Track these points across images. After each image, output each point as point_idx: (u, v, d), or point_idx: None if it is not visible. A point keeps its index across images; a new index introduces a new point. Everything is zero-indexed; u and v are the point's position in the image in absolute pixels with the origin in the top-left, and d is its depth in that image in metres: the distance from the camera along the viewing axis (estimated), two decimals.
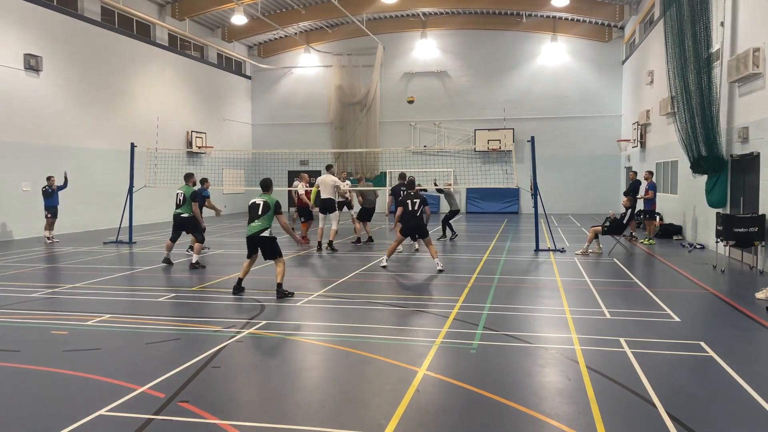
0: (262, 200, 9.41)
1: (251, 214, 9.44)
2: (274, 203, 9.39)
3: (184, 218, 12.38)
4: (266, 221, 9.31)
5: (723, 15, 13.64)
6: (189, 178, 12.96)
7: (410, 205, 11.96)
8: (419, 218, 12.00)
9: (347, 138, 31.52)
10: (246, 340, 6.79)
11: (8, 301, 8.93)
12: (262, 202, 9.38)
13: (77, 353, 6.37)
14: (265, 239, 9.33)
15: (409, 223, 11.98)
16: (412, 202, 11.99)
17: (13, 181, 18.09)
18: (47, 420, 4.60)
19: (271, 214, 9.32)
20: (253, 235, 9.33)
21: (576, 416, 4.61)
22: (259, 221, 9.29)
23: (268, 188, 9.76)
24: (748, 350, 6.50)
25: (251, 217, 9.43)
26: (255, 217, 9.35)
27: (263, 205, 9.35)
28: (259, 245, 9.36)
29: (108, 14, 22.55)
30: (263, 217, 9.30)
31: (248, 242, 9.43)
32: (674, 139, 15.58)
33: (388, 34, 30.60)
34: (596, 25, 28.80)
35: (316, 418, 4.66)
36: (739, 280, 10.64)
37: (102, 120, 21.90)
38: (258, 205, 9.39)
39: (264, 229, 9.27)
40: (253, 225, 9.34)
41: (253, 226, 9.33)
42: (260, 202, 9.40)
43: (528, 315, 8.02)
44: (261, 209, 9.34)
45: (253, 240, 9.35)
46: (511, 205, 29.81)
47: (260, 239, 9.29)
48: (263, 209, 9.33)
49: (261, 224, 9.27)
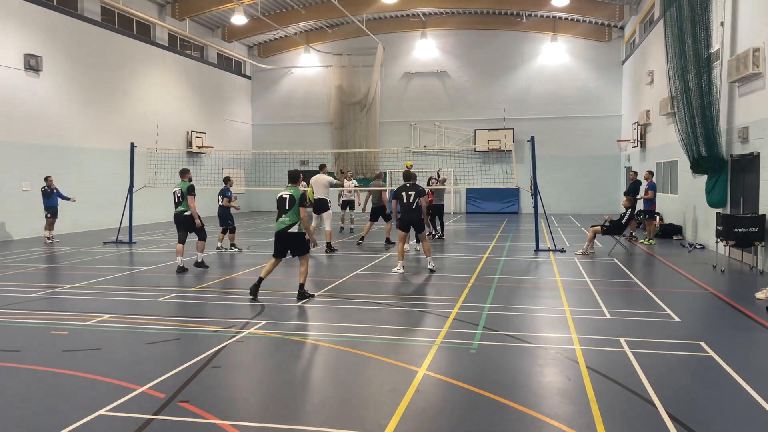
0: (288, 193, 8.97)
1: (279, 209, 9.04)
2: (300, 195, 8.94)
3: (187, 216, 11.85)
4: (294, 216, 8.91)
5: (723, 15, 13.64)
6: (185, 173, 12.39)
7: (405, 198, 11.50)
8: (415, 211, 11.51)
9: (347, 138, 31.53)
10: (246, 340, 6.79)
11: (8, 301, 8.93)
12: (288, 195, 8.93)
13: (77, 353, 6.37)
14: (294, 235, 8.95)
15: (404, 216, 11.56)
16: (407, 194, 11.50)
17: (13, 181, 18.10)
18: (47, 420, 4.60)
19: (297, 207, 8.90)
20: (281, 231, 8.97)
21: (576, 416, 4.61)
22: (287, 216, 8.90)
23: (295, 180, 9.32)
24: (748, 350, 6.50)
25: (279, 211, 9.03)
26: (283, 211, 8.96)
27: (290, 199, 8.90)
28: (287, 242, 8.98)
29: (108, 14, 22.55)
30: (291, 212, 8.90)
31: (276, 239, 9.07)
32: (674, 139, 15.58)
33: (388, 34, 30.61)
34: (596, 25, 28.80)
35: (316, 418, 4.66)
36: (739, 280, 10.64)
37: (102, 120, 21.90)
38: (285, 199, 8.95)
39: (293, 224, 8.90)
40: (282, 220, 8.97)
41: (282, 222, 8.96)
42: (287, 195, 8.95)
43: (528, 315, 8.02)
44: (288, 203, 8.91)
45: (281, 236, 8.99)
46: (511, 205, 29.81)
47: (289, 235, 8.93)
48: (290, 203, 8.90)
49: (289, 219, 8.89)
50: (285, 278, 11.27)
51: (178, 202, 11.91)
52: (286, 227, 8.90)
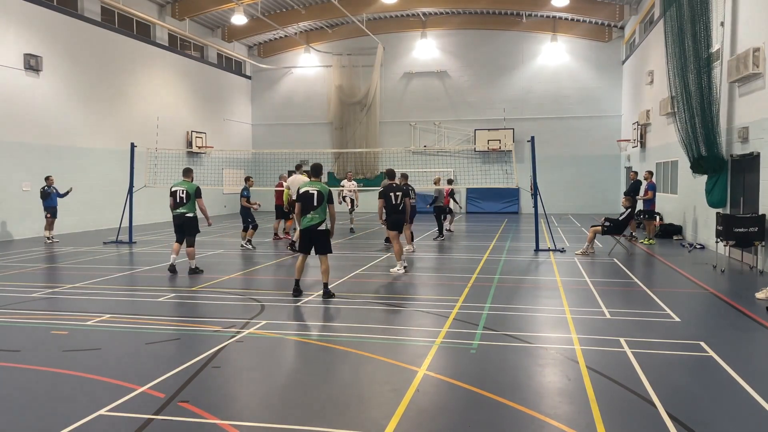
0: (315, 189, 8.68)
1: (305, 205, 8.74)
2: (328, 193, 8.73)
3: (190, 218, 11.24)
4: (322, 213, 8.73)
5: (723, 15, 13.64)
6: (189, 173, 11.75)
7: (393, 198, 11.77)
8: (401, 212, 11.83)
9: (347, 138, 31.53)
10: (246, 340, 6.79)
11: (8, 301, 8.93)
12: (315, 192, 8.65)
13: (77, 353, 6.37)
14: (322, 233, 8.77)
15: (393, 217, 11.82)
16: (395, 195, 11.80)
17: (13, 181, 18.10)
18: (47, 420, 4.60)
19: (325, 205, 8.69)
20: (310, 228, 8.74)
21: (576, 416, 4.61)
22: (317, 213, 8.68)
23: (319, 174, 9.05)
24: (748, 350, 6.50)
25: (305, 208, 8.74)
26: (311, 207, 8.68)
27: (318, 195, 8.64)
28: (314, 239, 8.78)
29: (108, 14, 22.55)
30: (320, 208, 8.68)
31: (303, 235, 8.87)
32: (674, 139, 15.58)
33: (388, 34, 30.61)
34: (596, 25, 28.80)
35: (316, 418, 4.66)
36: (739, 280, 10.64)
37: (102, 120, 21.90)
38: (312, 195, 8.67)
39: (321, 222, 8.70)
40: (309, 217, 8.71)
41: (309, 219, 8.71)
42: (314, 191, 8.66)
43: (528, 315, 8.02)
44: (317, 199, 8.65)
45: (309, 233, 8.77)
46: (511, 205, 29.82)
47: (317, 233, 8.72)
48: (318, 199, 8.64)
49: (318, 216, 8.69)
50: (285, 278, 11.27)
51: (181, 202, 11.24)
52: (316, 224, 8.72)
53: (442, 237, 17.37)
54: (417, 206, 17.69)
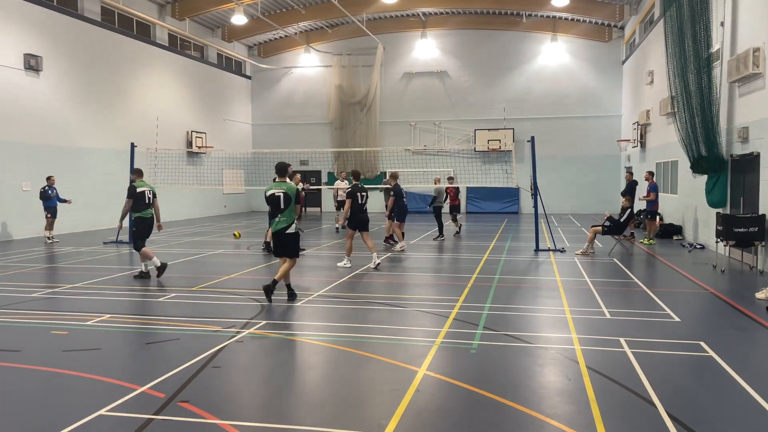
0: (281, 191, 8.59)
1: (273, 208, 8.71)
2: (294, 192, 8.62)
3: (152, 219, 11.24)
4: (290, 215, 8.64)
5: (723, 15, 13.64)
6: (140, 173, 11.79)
7: (359, 198, 12.18)
8: (364, 212, 12.36)
9: (347, 138, 31.53)
10: (246, 340, 6.79)
11: (8, 301, 8.93)
12: (282, 194, 8.57)
13: (77, 353, 6.37)
14: (290, 236, 8.67)
15: (355, 216, 12.24)
16: (361, 195, 12.22)
17: (13, 181, 18.09)
18: (47, 420, 4.60)
19: (293, 206, 8.61)
20: (279, 232, 8.68)
21: (576, 416, 4.61)
22: (284, 216, 8.62)
23: (284, 173, 8.88)
24: (748, 350, 6.50)
25: (274, 210, 8.72)
26: (278, 210, 8.63)
27: (284, 197, 8.56)
28: (283, 242, 8.72)
29: (108, 14, 22.55)
30: (287, 211, 8.60)
31: (274, 239, 8.83)
32: (674, 139, 15.58)
33: (388, 34, 30.60)
34: (596, 25, 28.80)
35: (316, 418, 4.66)
36: (739, 280, 10.64)
37: (102, 120, 21.90)
38: (278, 197, 8.57)
39: (289, 225, 8.63)
40: (278, 221, 8.67)
41: (279, 222, 8.67)
42: (280, 193, 8.57)
43: (528, 315, 8.02)
44: (283, 201, 8.56)
45: (279, 237, 8.71)
46: (511, 205, 29.82)
47: (286, 236, 8.66)
48: (285, 201, 8.56)
49: (286, 219, 8.62)
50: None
51: (149, 204, 11.19)
52: (284, 228, 8.66)
53: (442, 237, 17.29)
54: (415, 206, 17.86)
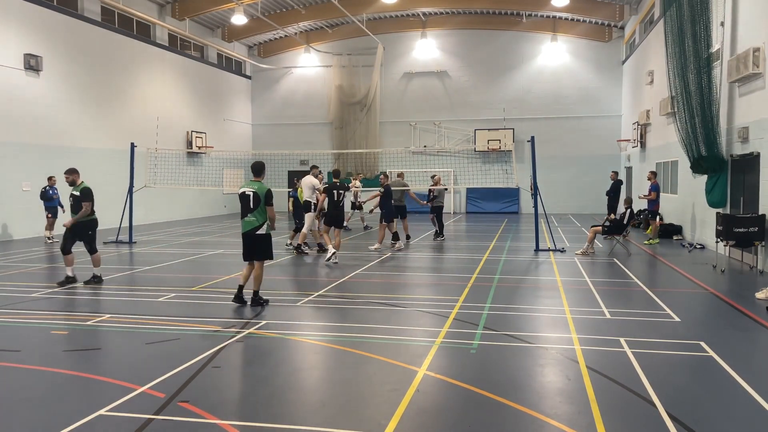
0: (251, 190, 8.26)
1: (243, 207, 8.38)
2: (265, 193, 8.25)
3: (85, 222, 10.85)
4: (260, 215, 8.29)
5: (723, 15, 13.63)
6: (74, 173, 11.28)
7: (335, 196, 12.64)
8: (340, 209, 12.75)
9: (347, 138, 31.53)
10: (246, 340, 6.79)
11: (8, 301, 8.93)
12: (252, 193, 8.24)
13: (77, 353, 6.37)
14: (260, 237, 8.34)
15: (332, 213, 12.68)
16: (338, 193, 12.66)
17: (13, 181, 18.09)
18: (47, 420, 4.60)
19: (263, 205, 8.25)
20: (248, 233, 8.39)
21: (576, 416, 4.61)
22: (253, 216, 8.28)
23: (260, 173, 8.51)
24: (748, 350, 6.50)
25: (243, 210, 8.37)
26: (247, 210, 8.30)
27: (254, 196, 8.22)
28: (253, 244, 8.40)
29: (108, 14, 22.54)
30: (256, 211, 8.26)
31: (244, 240, 8.51)
32: (674, 139, 15.58)
33: (388, 34, 30.59)
34: (596, 25, 28.80)
35: (316, 418, 4.66)
36: (739, 280, 10.64)
37: (102, 120, 21.90)
38: (248, 196, 8.24)
39: (260, 226, 8.30)
40: (247, 220, 8.35)
41: (247, 222, 8.35)
42: (250, 192, 8.25)
43: (528, 315, 8.02)
44: (252, 201, 8.23)
45: (248, 238, 8.41)
46: (511, 205, 29.81)
47: (256, 237, 8.34)
48: (255, 201, 8.22)
49: (255, 219, 8.28)
50: (285, 278, 11.28)
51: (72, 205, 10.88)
52: (252, 228, 8.30)
53: (442, 237, 17.29)
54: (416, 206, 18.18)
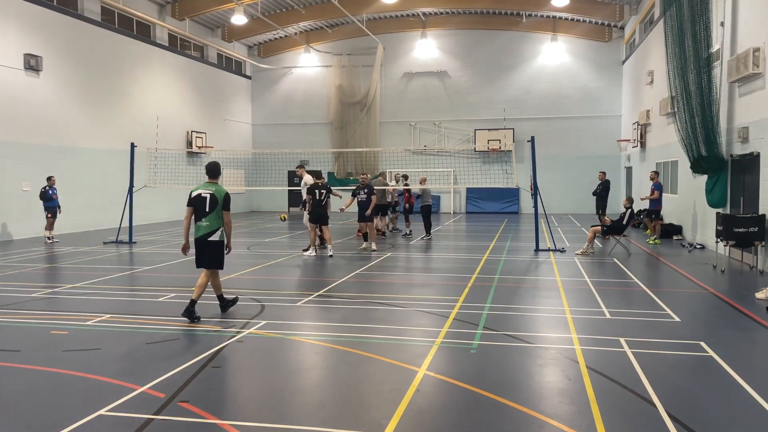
0: (208, 192, 7.74)
1: (197, 210, 7.75)
2: (223, 196, 7.73)
3: None
4: (216, 220, 7.74)
5: (723, 15, 13.63)
6: None
7: (317, 195, 13.61)
8: (323, 207, 13.66)
9: (347, 138, 31.53)
10: (246, 340, 6.79)
11: (8, 301, 8.93)
12: (209, 195, 7.72)
13: (77, 353, 6.37)
14: (211, 244, 7.73)
15: (315, 211, 13.63)
16: (319, 192, 13.63)
17: (13, 181, 18.09)
18: (47, 420, 4.59)
19: (219, 209, 7.73)
20: (200, 238, 7.77)
21: (576, 416, 4.61)
22: (207, 220, 7.72)
23: (215, 174, 7.95)
24: (748, 350, 6.50)
25: (198, 214, 7.75)
26: (202, 214, 7.72)
27: (211, 198, 7.70)
28: (203, 249, 7.79)
29: (108, 14, 22.55)
30: (212, 215, 7.71)
31: (197, 246, 7.86)
32: (674, 139, 15.58)
33: (388, 34, 30.60)
34: (596, 25, 28.80)
35: (316, 418, 4.66)
36: (739, 280, 10.63)
37: (102, 120, 21.90)
38: (204, 199, 7.70)
39: (214, 231, 7.73)
40: (201, 225, 7.75)
41: (201, 226, 7.75)
42: (207, 194, 7.72)
43: (528, 315, 8.02)
44: (209, 204, 7.69)
45: (200, 244, 7.79)
46: (511, 205, 29.81)
47: (207, 243, 7.73)
48: (211, 204, 7.69)
49: (209, 224, 7.72)
50: (285, 278, 11.28)
51: None
52: (206, 234, 7.72)
53: (429, 236, 17.33)
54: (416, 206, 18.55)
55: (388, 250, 14.84)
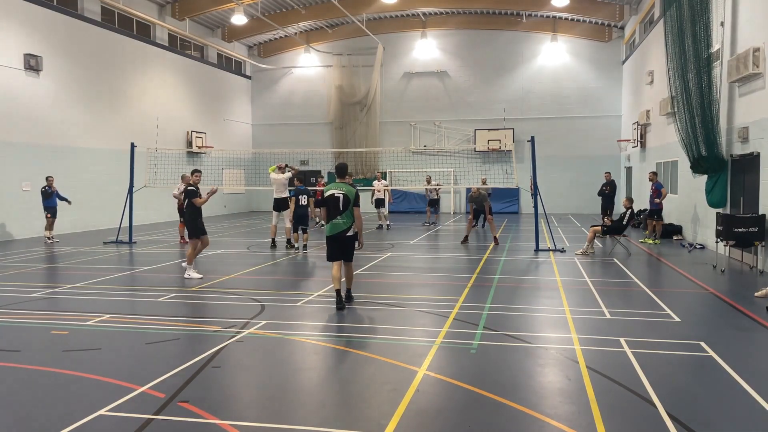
0: (341, 192, 8.24)
1: (331, 210, 8.30)
2: (355, 195, 8.26)
3: None
4: (350, 217, 8.27)
5: (723, 15, 13.63)
6: None
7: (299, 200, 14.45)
8: (303, 208, 14.46)
9: (347, 138, 31.53)
10: (246, 340, 6.79)
11: (8, 301, 8.93)
12: (341, 195, 8.21)
13: (77, 353, 6.37)
14: (350, 239, 8.32)
15: (296, 212, 14.48)
16: (302, 196, 14.47)
17: (13, 181, 18.09)
18: (47, 420, 4.60)
19: (352, 207, 8.25)
20: (336, 235, 8.29)
21: (576, 416, 4.61)
22: (342, 218, 8.23)
23: (344, 174, 8.52)
24: (748, 350, 6.50)
25: (331, 213, 8.30)
26: (337, 212, 8.25)
27: (344, 199, 8.20)
28: (343, 245, 8.36)
29: (108, 14, 22.55)
30: (346, 213, 8.23)
31: (329, 242, 8.40)
32: (674, 139, 15.58)
33: (388, 34, 30.60)
34: (596, 25, 28.80)
35: (316, 418, 4.66)
36: (739, 280, 10.64)
37: (102, 120, 21.90)
38: (338, 198, 8.22)
39: (349, 228, 8.26)
40: (336, 222, 8.27)
41: (336, 224, 8.27)
42: (339, 194, 8.22)
43: (528, 315, 8.02)
44: (342, 203, 8.20)
45: (335, 240, 8.32)
46: (511, 205, 29.81)
47: (346, 239, 8.29)
48: (344, 203, 8.20)
49: (345, 221, 8.24)
50: (284, 278, 11.28)
51: None
52: (342, 231, 8.26)
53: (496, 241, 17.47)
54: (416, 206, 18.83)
55: (388, 250, 14.84)
